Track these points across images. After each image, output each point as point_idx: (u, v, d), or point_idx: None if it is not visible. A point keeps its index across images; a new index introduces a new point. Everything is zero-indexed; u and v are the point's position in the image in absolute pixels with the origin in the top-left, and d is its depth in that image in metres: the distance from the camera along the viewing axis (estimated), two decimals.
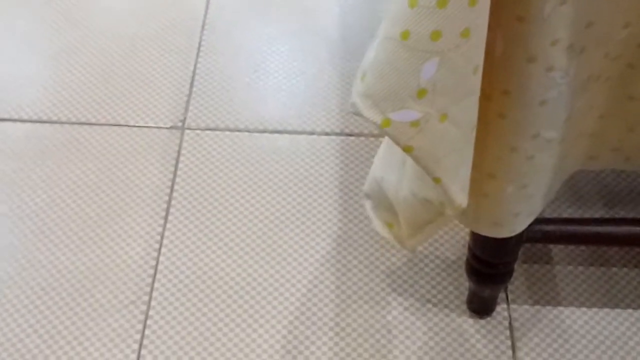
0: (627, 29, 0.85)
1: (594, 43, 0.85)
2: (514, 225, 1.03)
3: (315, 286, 1.25)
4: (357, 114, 0.78)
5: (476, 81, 0.79)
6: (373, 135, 1.46)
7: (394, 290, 1.25)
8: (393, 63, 0.75)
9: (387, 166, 1.01)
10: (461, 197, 0.87)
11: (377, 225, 1.09)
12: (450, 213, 0.91)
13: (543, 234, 1.12)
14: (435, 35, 0.73)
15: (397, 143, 0.80)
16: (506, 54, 0.81)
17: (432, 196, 0.92)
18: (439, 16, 0.72)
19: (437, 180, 0.83)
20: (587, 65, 0.87)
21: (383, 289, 1.25)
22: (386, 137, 1.03)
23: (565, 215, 1.34)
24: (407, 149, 0.80)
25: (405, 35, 0.74)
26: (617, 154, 1.04)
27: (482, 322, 1.22)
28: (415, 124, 0.78)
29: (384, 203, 1.06)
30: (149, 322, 1.21)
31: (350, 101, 0.79)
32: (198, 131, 1.47)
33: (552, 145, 0.93)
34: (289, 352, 1.18)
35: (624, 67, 0.91)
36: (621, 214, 1.35)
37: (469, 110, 0.81)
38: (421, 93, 0.76)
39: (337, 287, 1.25)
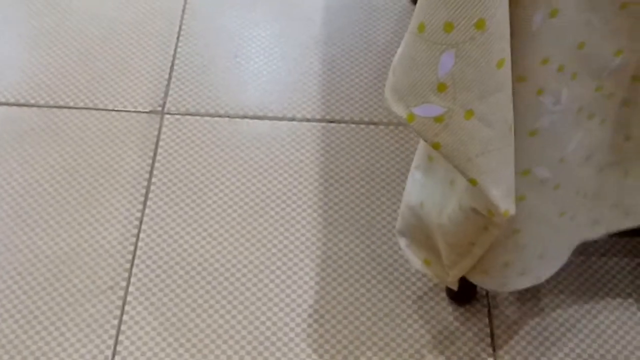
0: (619, 57, 0.84)
1: (585, 68, 0.83)
2: (504, 278, 1.00)
3: (295, 273, 1.25)
4: (388, 108, 0.79)
5: (503, 77, 0.77)
6: (354, 122, 1.45)
7: (373, 277, 1.25)
8: (412, 56, 0.76)
9: (429, 189, 0.99)
10: (506, 202, 0.84)
11: (415, 263, 1.08)
12: (498, 221, 0.89)
13: None
14: (448, 26, 0.73)
15: (424, 139, 0.80)
16: None
17: (478, 205, 0.89)
18: (450, 7, 0.72)
19: (473, 181, 0.82)
20: (579, 94, 0.85)
21: (362, 276, 1.25)
22: (420, 161, 1.01)
23: None
24: (435, 146, 0.80)
25: (421, 27, 0.75)
26: (617, 210, 1.03)
27: (462, 309, 1.22)
28: (439, 119, 0.78)
29: (419, 238, 1.04)
30: (126, 307, 1.20)
31: (385, 95, 0.80)
32: (178, 116, 1.45)
33: (546, 187, 0.91)
34: (267, 338, 1.18)
35: (619, 106, 0.90)
36: None
37: (499, 107, 0.79)
38: (441, 87, 0.76)
39: (317, 274, 1.25)
